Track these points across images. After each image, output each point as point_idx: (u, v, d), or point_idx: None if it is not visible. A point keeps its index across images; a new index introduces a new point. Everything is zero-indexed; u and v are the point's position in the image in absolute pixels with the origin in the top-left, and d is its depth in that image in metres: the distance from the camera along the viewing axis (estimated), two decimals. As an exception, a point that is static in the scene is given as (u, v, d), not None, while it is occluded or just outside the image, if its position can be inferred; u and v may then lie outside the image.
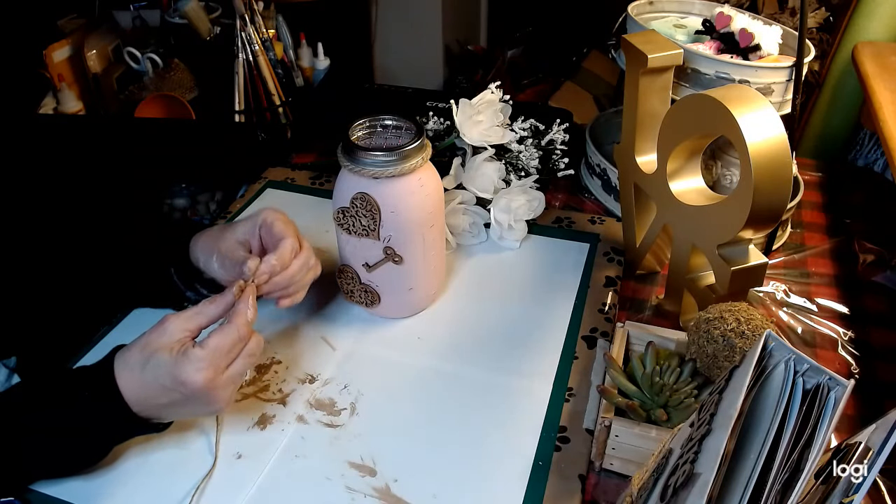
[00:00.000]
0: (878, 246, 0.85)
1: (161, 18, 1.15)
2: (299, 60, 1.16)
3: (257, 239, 0.64)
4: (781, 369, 0.39)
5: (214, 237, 0.64)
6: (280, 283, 0.61)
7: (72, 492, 0.56)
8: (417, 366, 0.68)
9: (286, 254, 0.61)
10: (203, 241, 0.65)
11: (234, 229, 0.64)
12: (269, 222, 0.63)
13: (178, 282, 0.66)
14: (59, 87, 1.04)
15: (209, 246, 0.64)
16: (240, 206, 0.92)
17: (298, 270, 0.63)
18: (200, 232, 0.66)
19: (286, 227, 0.63)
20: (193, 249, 0.65)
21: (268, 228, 0.63)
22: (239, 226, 0.64)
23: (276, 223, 0.63)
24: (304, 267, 0.63)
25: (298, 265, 0.62)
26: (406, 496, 0.56)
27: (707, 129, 0.62)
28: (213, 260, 0.63)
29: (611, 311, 0.75)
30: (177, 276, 0.66)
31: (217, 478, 0.57)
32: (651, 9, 0.89)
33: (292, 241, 0.62)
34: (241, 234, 0.64)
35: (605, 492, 0.58)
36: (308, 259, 0.64)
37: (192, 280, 0.66)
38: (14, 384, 0.64)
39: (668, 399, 0.58)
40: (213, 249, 0.63)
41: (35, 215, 0.72)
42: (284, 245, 0.61)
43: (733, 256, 0.63)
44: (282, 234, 0.62)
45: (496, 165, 0.83)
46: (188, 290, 0.66)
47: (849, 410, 0.65)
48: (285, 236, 0.62)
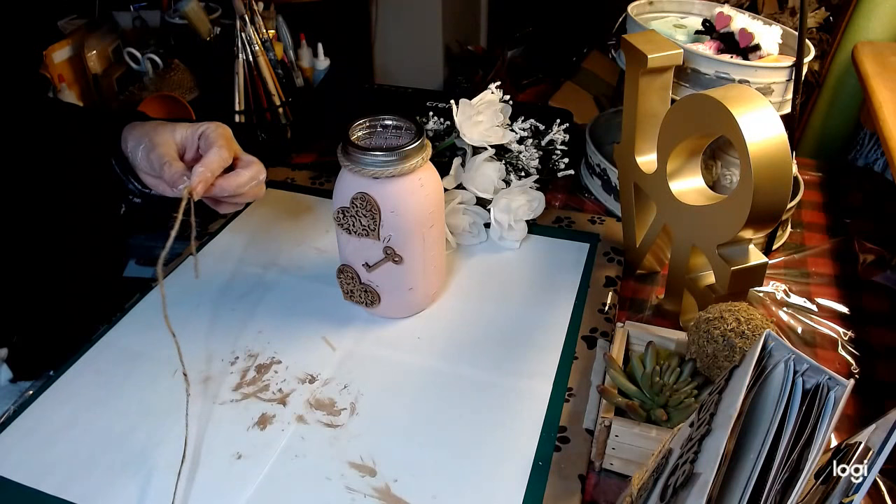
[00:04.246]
0: (878, 246, 0.85)
1: (161, 19, 1.15)
2: (299, 61, 1.16)
3: (195, 147, 0.65)
4: (781, 369, 0.39)
5: (149, 128, 0.65)
6: (227, 188, 0.63)
7: (74, 492, 0.56)
8: (417, 366, 0.68)
9: (213, 161, 0.62)
10: (137, 129, 0.65)
11: (174, 128, 0.65)
12: (209, 132, 0.64)
13: (118, 170, 0.66)
14: (59, 88, 1.04)
15: (141, 133, 0.64)
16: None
17: (248, 181, 0.64)
18: (136, 122, 0.66)
19: (223, 140, 0.64)
20: (125, 136, 0.65)
21: (205, 137, 0.64)
22: (179, 127, 0.65)
23: (213, 134, 0.64)
24: (252, 178, 0.65)
25: (248, 175, 0.64)
26: (406, 496, 0.56)
27: (707, 129, 0.62)
28: (140, 148, 0.63)
29: (611, 311, 0.75)
30: (116, 165, 0.66)
31: (217, 478, 0.57)
32: (651, 9, 0.89)
33: (221, 151, 0.63)
34: (179, 136, 0.64)
35: (605, 492, 0.57)
36: (258, 172, 0.65)
37: (127, 172, 0.66)
38: None
39: (668, 399, 0.58)
40: (143, 137, 0.64)
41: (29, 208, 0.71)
42: (211, 153, 0.62)
43: (733, 256, 0.63)
44: (213, 143, 0.63)
45: (496, 165, 0.83)
46: (128, 182, 0.67)
47: (849, 410, 0.65)
48: (216, 145, 0.63)
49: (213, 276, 0.80)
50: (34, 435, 0.61)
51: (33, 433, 0.61)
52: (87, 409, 0.63)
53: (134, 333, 0.72)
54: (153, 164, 0.63)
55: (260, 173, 0.66)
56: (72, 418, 0.62)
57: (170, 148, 0.63)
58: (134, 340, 0.71)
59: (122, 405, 0.64)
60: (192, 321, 0.73)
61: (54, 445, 0.60)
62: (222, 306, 0.76)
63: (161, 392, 0.65)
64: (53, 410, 0.63)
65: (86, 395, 0.64)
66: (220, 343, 0.71)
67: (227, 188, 0.63)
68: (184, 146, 0.65)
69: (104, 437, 0.61)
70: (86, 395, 0.64)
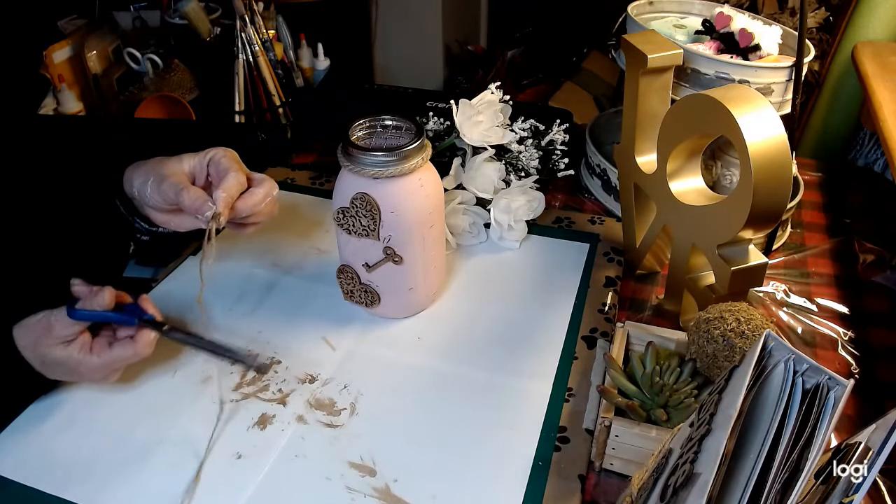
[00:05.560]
0: (878, 246, 0.85)
1: (161, 19, 1.15)
2: (299, 61, 1.16)
3: (204, 174, 0.65)
4: (781, 369, 0.39)
5: (154, 163, 0.64)
6: (244, 209, 0.63)
7: (74, 492, 0.56)
8: (417, 366, 0.68)
9: (232, 185, 0.62)
10: (140, 168, 0.64)
11: (180, 159, 0.64)
12: (218, 158, 0.64)
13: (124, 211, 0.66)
14: (59, 88, 1.04)
15: (146, 169, 0.64)
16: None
17: (262, 198, 0.64)
18: (137, 162, 0.66)
19: (236, 164, 0.64)
20: (129, 178, 0.65)
21: (216, 164, 0.63)
22: (185, 157, 0.65)
23: (224, 159, 0.63)
24: (266, 195, 0.65)
25: (262, 193, 0.64)
26: (406, 496, 0.56)
27: (707, 129, 0.62)
28: (148, 183, 0.63)
29: (611, 311, 0.75)
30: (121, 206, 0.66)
31: (217, 478, 0.57)
32: (651, 9, 0.89)
33: (238, 175, 0.63)
34: (187, 166, 0.64)
35: (605, 492, 0.57)
36: (271, 189, 0.65)
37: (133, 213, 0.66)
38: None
39: (668, 399, 0.58)
40: (149, 173, 0.63)
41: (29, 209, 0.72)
42: (229, 177, 0.62)
43: (733, 256, 0.63)
44: (229, 168, 0.63)
45: (496, 166, 0.83)
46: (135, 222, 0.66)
47: (849, 410, 0.65)
48: (232, 170, 0.63)
49: (212, 276, 0.80)
50: (34, 435, 0.61)
51: (33, 433, 0.61)
52: (86, 408, 0.63)
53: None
54: (167, 195, 0.61)
55: (273, 189, 0.66)
56: (72, 418, 0.62)
57: (181, 177, 0.62)
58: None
59: (122, 405, 0.64)
60: (191, 321, 0.73)
61: (54, 445, 0.60)
62: (222, 306, 0.76)
63: (161, 392, 0.65)
64: (53, 410, 0.63)
65: (86, 395, 0.64)
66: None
67: (244, 209, 0.63)
68: (192, 175, 0.64)
69: (104, 437, 0.61)
70: (86, 395, 0.64)
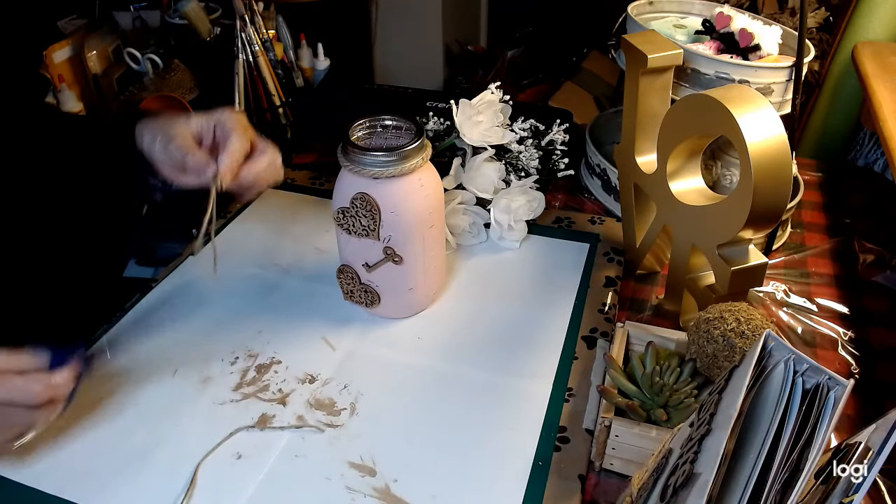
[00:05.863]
0: (878, 246, 0.85)
1: (161, 19, 1.15)
2: (299, 61, 1.16)
3: (211, 135, 0.64)
4: (781, 369, 0.39)
5: (162, 122, 0.64)
6: (248, 176, 0.63)
7: (74, 491, 0.56)
8: (417, 366, 0.68)
9: (236, 150, 0.62)
10: (150, 124, 0.65)
11: (188, 120, 0.64)
12: (224, 120, 0.63)
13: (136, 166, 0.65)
14: (59, 88, 1.04)
15: (154, 127, 0.64)
16: (240, 205, 0.92)
17: (266, 166, 0.64)
18: (146, 119, 0.66)
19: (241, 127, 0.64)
20: (140, 132, 0.65)
21: (221, 126, 0.63)
22: (193, 117, 0.65)
23: (230, 122, 0.63)
24: (270, 163, 0.64)
25: (266, 160, 0.64)
26: (406, 496, 0.56)
27: (707, 129, 0.62)
28: (157, 141, 0.63)
29: (611, 311, 0.75)
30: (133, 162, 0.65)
31: (217, 478, 0.57)
32: (651, 9, 0.89)
33: (241, 139, 0.62)
34: (195, 126, 0.64)
35: (605, 492, 0.57)
36: (275, 156, 0.65)
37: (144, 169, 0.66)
38: None
39: (668, 399, 0.58)
40: (157, 132, 0.63)
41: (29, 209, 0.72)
42: (232, 141, 0.62)
43: (733, 256, 0.63)
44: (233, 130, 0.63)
45: (496, 166, 0.83)
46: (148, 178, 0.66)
47: (849, 410, 0.65)
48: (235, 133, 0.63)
49: (212, 275, 0.80)
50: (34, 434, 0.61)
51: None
52: (86, 408, 0.63)
53: (134, 333, 0.72)
54: (173, 155, 0.62)
55: (276, 158, 0.65)
56: (71, 418, 0.62)
57: (187, 139, 0.63)
58: (134, 340, 0.71)
59: (122, 405, 0.64)
60: (191, 321, 0.73)
61: (54, 445, 0.60)
62: (222, 306, 0.76)
63: (161, 392, 0.65)
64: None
65: (85, 395, 0.64)
66: (220, 343, 0.71)
67: (247, 176, 0.63)
68: (200, 135, 0.64)
69: (104, 437, 0.61)
70: (85, 395, 0.64)
